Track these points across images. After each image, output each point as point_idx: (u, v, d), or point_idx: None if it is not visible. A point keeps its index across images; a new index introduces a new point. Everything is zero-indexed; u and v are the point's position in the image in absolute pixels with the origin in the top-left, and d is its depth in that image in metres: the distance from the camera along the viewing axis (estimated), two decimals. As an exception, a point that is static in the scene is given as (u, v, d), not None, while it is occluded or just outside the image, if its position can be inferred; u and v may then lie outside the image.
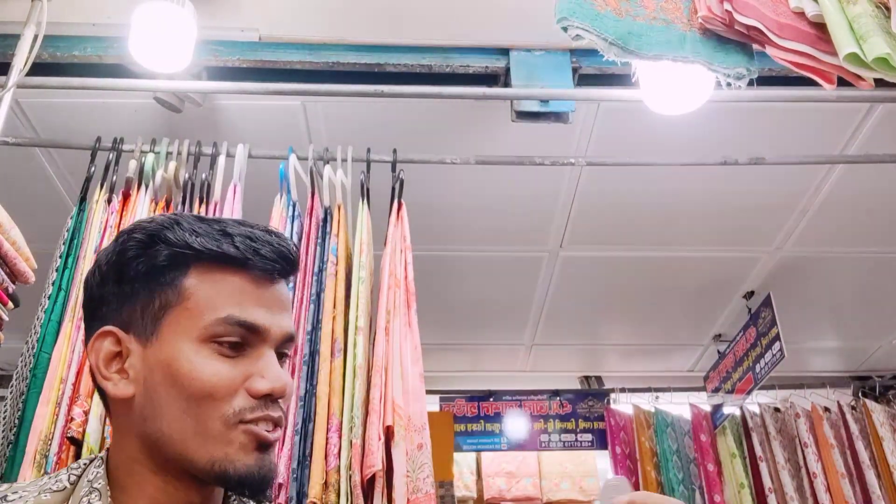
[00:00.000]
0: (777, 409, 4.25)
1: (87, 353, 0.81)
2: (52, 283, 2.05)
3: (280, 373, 0.80)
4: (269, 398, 0.78)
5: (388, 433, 1.88)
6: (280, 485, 1.83)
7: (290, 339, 0.83)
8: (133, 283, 0.80)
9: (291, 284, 2.14)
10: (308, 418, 1.92)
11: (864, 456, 3.92)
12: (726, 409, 4.13)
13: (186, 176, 2.26)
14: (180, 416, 0.76)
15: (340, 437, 1.87)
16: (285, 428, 1.84)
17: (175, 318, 0.78)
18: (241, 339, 0.78)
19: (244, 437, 0.76)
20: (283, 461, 1.86)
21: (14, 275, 1.85)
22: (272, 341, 0.80)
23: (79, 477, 0.79)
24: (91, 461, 0.81)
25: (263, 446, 0.78)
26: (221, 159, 2.30)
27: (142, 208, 2.16)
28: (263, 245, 0.81)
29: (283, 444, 1.87)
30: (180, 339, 0.77)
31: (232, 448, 0.76)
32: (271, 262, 0.81)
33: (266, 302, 0.81)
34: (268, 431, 0.78)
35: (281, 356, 0.83)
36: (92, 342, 0.81)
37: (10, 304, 1.84)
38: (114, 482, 0.79)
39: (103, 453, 0.82)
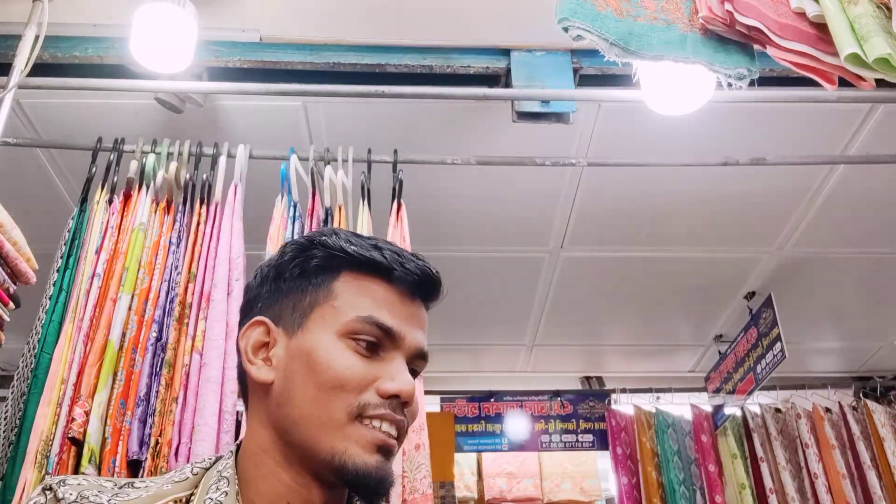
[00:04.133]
0: (778, 410, 4.25)
1: (239, 339, 0.88)
2: (53, 284, 2.05)
3: (410, 380, 0.83)
4: (396, 400, 0.82)
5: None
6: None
7: (422, 356, 0.87)
8: (288, 282, 0.87)
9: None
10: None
11: (865, 456, 3.92)
12: (727, 410, 4.13)
13: (187, 176, 2.26)
14: (310, 403, 0.80)
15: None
16: None
17: (321, 314, 0.84)
18: (376, 340, 0.83)
19: (364, 438, 0.79)
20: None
21: (15, 275, 1.85)
22: (405, 350, 0.85)
23: (205, 469, 0.84)
24: (220, 457, 0.86)
25: (384, 450, 0.80)
26: (222, 160, 2.30)
27: (143, 209, 2.16)
28: (409, 261, 0.87)
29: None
30: (323, 331, 0.83)
31: (353, 444, 0.79)
32: (414, 275, 0.87)
33: (405, 315, 0.86)
34: (388, 435, 0.81)
35: (413, 372, 0.86)
36: (244, 329, 0.87)
37: (11, 305, 1.84)
38: (241, 475, 0.83)
39: (233, 447, 0.87)
